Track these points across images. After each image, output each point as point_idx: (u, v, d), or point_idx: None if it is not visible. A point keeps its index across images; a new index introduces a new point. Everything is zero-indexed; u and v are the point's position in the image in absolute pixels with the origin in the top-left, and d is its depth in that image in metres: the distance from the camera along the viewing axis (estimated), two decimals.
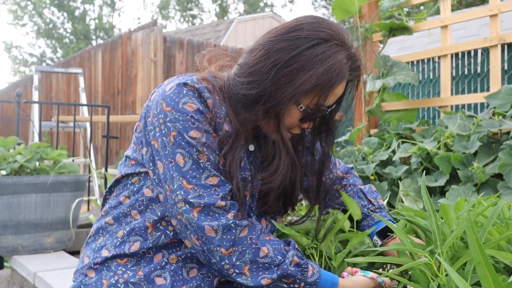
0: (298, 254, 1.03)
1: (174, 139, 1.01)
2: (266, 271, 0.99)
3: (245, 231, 1.00)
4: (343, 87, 1.09)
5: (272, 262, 0.99)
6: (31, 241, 2.76)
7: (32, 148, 2.83)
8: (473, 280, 0.90)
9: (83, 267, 1.11)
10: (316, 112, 1.07)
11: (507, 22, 5.74)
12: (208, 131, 1.03)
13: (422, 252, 0.91)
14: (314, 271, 1.02)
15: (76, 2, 22.16)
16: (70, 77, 8.63)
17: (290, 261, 1.00)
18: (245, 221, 1.01)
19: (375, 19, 2.92)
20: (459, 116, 2.31)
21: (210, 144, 1.02)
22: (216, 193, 1.00)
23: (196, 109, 1.02)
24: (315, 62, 1.01)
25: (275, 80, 1.03)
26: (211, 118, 1.04)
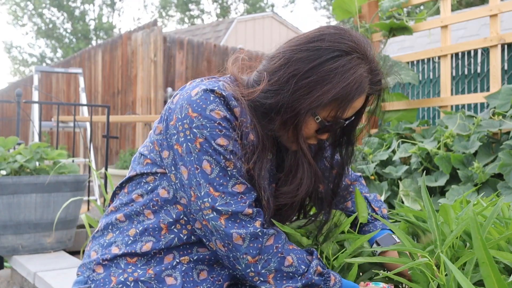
0: (320, 264, 1.04)
1: (200, 146, 1.01)
2: (290, 280, 1.00)
3: (271, 240, 1.01)
4: (363, 100, 1.10)
5: (296, 271, 1.01)
6: (31, 241, 2.76)
7: (32, 148, 2.83)
8: (473, 280, 0.90)
9: (90, 262, 1.10)
10: (333, 125, 1.07)
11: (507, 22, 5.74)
12: (235, 139, 1.03)
13: (422, 252, 0.91)
14: (336, 280, 1.03)
15: (76, 2, 22.16)
16: (70, 77, 8.63)
17: (314, 271, 1.02)
18: (272, 230, 1.02)
19: (375, 19, 2.92)
20: (459, 116, 2.31)
21: (236, 152, 1.03)
22: (243, 200, 1.01)
23: (223, 116, 1.02)
24: (335, 75, 1.01)
25: (293, 91, 1.03)
26: (238, 126, 1.04)
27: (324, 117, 1.06)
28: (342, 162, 1.22)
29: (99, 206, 2.35)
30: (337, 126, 1.09)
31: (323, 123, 1.06)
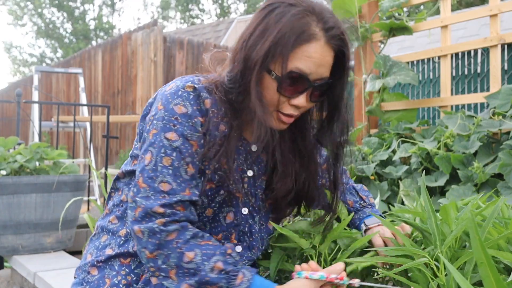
0: (227, 261, 0.98)
1: (152, 136, 1.02)
2: (192, 276, 0.96)
3: (173, 235, 0.97)
4: (321, 51, 1.03)
5: (198, 268, 0.96)
6: (31, 241, 2.76)
7: (32, 148, 2.83)
8: (473, 280, 0.90)
9: (85, 264, 1.11)
10: (288, 79, 1.02)
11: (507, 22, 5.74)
12: (187, 137, 1.01)
13: (421, 252, 0.91)
14: (244, 279, 0.97)
15: (76, 2, 22.16)
16: (70, 77, 8.63)
17: (211, 267, 0.96)
18: (174, 226, 0.97)
19: (375, 19, 2.92)
20: (459, 116, 2.31)
21: (181, 150, 1.01)
22: (161, 199, 0.98)
23: (184, 112, 1.02)
24: (276, 22, 1.01)
25: (244, 55, 1.04)
26: (202, 121, 1.03)
27: (279, 71, 1.02)
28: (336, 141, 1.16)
29: (99, 206, 2.35)
30: (297, 81, 1.03)
31: (279, 78, 1.02)
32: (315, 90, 1.06)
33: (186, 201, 1.00)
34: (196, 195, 1.02)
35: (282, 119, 1.07)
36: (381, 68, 2.76)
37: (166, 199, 0.98)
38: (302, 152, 1.16)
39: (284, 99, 1.05)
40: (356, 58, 3.05)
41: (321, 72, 1.04)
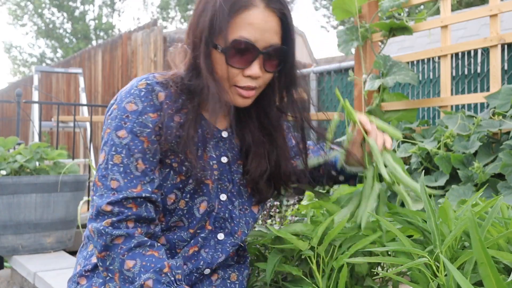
0: (159, 280, 0.96)
1: (106, 136, 1.04)
2: (130, 284, 0.97)
3: (119, 240, 0.98)
4: (262, 16, 1.03)
5: (133, 278, 0.96)
6: (31, 241, 2.76)
7: (32, 148, 2.83)
8: (473, 280, 0.90)
9: (75, 275, 1.12)
10: (234, 49, 1.03)
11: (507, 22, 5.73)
12: (136, 133, 1.01)
13: (421, 252, 0.91)
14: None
15: (76, 2, 22.16)
16: (70, 77, 8.63)
17: (141, 284, 0.95)
18: (121, 231, 0.98)
19: (375, 19, 2.92)
20: (459, 116, 2.31)
21: (130, 147, 1.01)
22: (110, 197, 0.99)
23: (134, 109, 1.03)
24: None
25: (192, 37, 1.07)
26: (153, 117, 1.03)
27: (224, 44, 1.02)
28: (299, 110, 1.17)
29: None
30: (254, 53, 1.03)
31: (225, 49, 1.02)
32: (267, 58, 1.06)
33: (137, 198, 1.00)
34: (148, 192, 1.01)
35: (242, 93, 1.07)
36: (381, 68, 2.75)
37: (114, 197, 0.99)
38: (269, 129, 1.16)
39: (236, 71, 1.05)
40: (356, 58, 3.05)
41: (267, 38, 1.04)
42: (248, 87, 1.06)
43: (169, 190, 1.06)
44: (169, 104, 1.05)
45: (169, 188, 1.06)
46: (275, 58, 1.08)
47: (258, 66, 1.05)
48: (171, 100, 1.05)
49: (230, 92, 1.07)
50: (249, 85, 1.06)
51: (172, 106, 1.05)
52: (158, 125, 1.03)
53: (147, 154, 1.02)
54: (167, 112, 1.04)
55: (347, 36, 2.92)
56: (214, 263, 1.10)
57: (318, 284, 1.09)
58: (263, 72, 1.07)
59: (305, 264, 1.18)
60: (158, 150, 1.04)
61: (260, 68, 1.05)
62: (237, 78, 1.06)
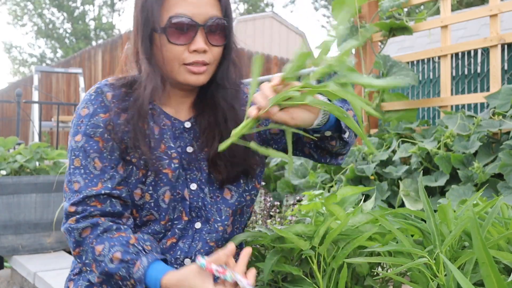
0: (127, 250, 0.99)
1: (68, 143, 1.10)
2: (102, 264, 1.01)
3: (87, 232, 1.02)
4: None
5: (104, 258, 1.00)
6: (31, 241, 2.76)
7: (32, 148, 2.83)
8: (473, 280, 0.90)
9: (66, 281, 1.16)
10: (172, 26, 1.05)
11: (507, 22, 5.73)
12: (90, 135, 1.06)
13: (421, 252, 0.91)
14: (140, 266, 0.98)
15: (76, 2, 22.17)
16: (70, 77, 8.63)
17: (110, 258, 0.99)
18: (85, 223, 1.02)
19: (375, 19, 2.92)
20: (459, 116, 2.31)
21: (86, 148, 1.06)
22: (73, 198, 1.04)
23: (86, 113, 1.08)
24: None
25: (134, 31, 1.11)
26: (104, 117, 1.07)
27: (163, 25, 1.05)
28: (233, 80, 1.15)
29: None
30: (195, 27, 1.05)
31: (164, 29, 1.05)
32: (209, 31, 1.07)
33: (99, 195, 1.03)
34: (108, 188, 1.04)
35: (192, 69, 1.07)
36: (381, 68, 2.76)
37: (77, 198, 1.03)
38: (223, 110, 1.14)
39: (181, 49, 1.06)
40: (356, 58, 3.05)
41: (205, 11, 1.06)
42: (196, 62, 1.07)
43: (134, 185, 1.08)
44: (115, 103, 1.08)
45: (134, 184, 1.08)
46: (218, 31, 1.09)
47: (201, 40, 1.06)
48: (118, 99, 1.09)
49: (181, 72, 1.08)
50: (197, 60, 1.06)
51: (119, 104, 1.08)
52: (109, 124, 1.07)
53: (104, 153, 1.06)
54: (114, 110, 1.08)
55: (347, 36, 2.92)
56: (192, 252, 1.10)
57: (318, 284, 1.09)
58: (209, 46, 1.08)
59: (305, 264, 1.18)
60: (115, 147, 1.07)
61: (204, 42, 1.07)
62: (183, 55, 1.07)
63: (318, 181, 2.70)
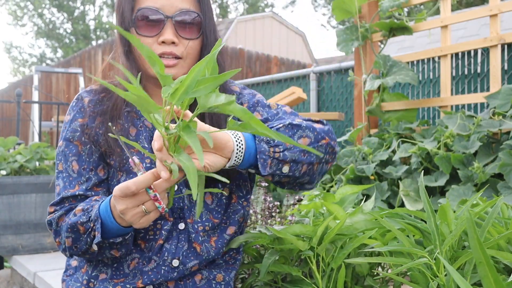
0: (87, 203, 1.03)
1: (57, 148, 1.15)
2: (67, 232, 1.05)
3: (62, 219, 1.06)
4: None
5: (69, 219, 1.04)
6: (31, 241, 2.76)
7: (32, 148, 2.83)
8: (473, 280, 0.90)
9: (61, 282, 1.19)
10: (140, 18, 1.07)
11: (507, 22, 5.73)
12: (69, 139, 1.10)
13: (421, 252, 0.91)
14: (96, 207, 0.99)
15: (76, 2, 22.17)
16: (70, 77, 8.63)
17: (73, 213, 1.03)
18: (60, 212, 1.05)
19: (375, 19, 2.92)
20: (459, 116, 2.31)
21: (66, 152, 1.10)
22: (53, 200, 1.09)
23: (68, 120, 1.13)
24: None
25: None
26: (81, 121, 1.10)
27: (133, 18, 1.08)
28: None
29: None
30: (162, 19, 1.07)
31: (133, 21, 1.08)
32: (179, 23, 1.07)
33: (76, 196, 1.07)
34: (82, 189, 1.08)
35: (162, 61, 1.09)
36: (381, 68, 2.76)
37: (55, 199, 1.08)
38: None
39: (150, 41, 1.07)
40: (356, 58, 3.05)
41: (175, 4, 1.07)
42: (164, 53, 1.07)
43: (113, 186, 1.11)
44: (91, 107, 1.12)
45: (114, 186, 1.09)
46: (190, 25, 1.09)
47: (170, 32, 1.07)
48: (95, 103, 1.12)
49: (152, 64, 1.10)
50: (165, 50, 1.07)
51: (94, 108, 1.11)
52: (86, 127, 1.10)
53: (82, 156, 1.09)
54: (89, 114, 1.11)
55: (347, 35, 2.92)
56: (179, 253, 1.10)
57: (317, 284, 1.09)
58: (180, 39, 1.08)
59: (304, 265, 1.18)
60: (94, 150, 1.10)
61: (173, 33, 1.07)
62: (153, 47, 1.07)
63: None
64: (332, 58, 14.08)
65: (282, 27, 14.55)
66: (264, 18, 14.37)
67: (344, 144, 3.10)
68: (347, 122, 4.38)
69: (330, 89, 4.66)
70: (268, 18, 14.38)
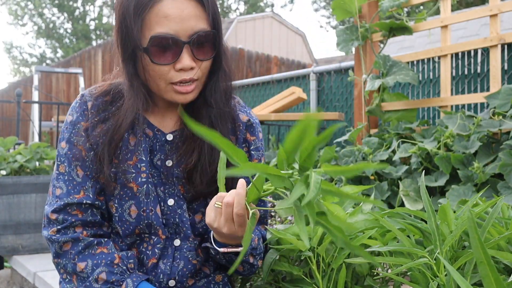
0: (112, 271, 1.00)
1: (57, 147, 1.11)
2: (86, 282, 1.01)
3: (68, 246, 1.02)
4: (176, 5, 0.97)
5: (87, 277, 1.00)
6: (31, 241, 2.76)
7: (32, 148, 2.83)
8: (473, 280, 0.90)
9: (58, 284, 1.16)
10: (155, 46, 0.98)
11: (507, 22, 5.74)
12: (73, 143, 1.06)
13: (421, 252, 0.91)
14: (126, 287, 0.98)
15: (77, 2, 22.17)
16: (70, 77, 8.63)
17: (95, 279, 0.99)
18: (66, 237, 1.01)
19: (375, 19, 2.92)
20: (459, 116, 2.31)
21: (69, 156, 1.06)
22: (54, 204, 1.04)
23: (70, 120, 1.08)
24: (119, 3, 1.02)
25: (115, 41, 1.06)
26: (84, 126, 1.06)
27: (145, 44, 0.99)
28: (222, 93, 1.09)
29: None
30: (179, 46, 0.98)
31: (146, 49, 0.98)
32: (195, 46, 1.00)
33: (80, 204, 1.03)
34: (90, 198, 1.04)
35: (178, 89, 1.01)
36: (381, 68, 2.76)
37: (57, 204, 1.03)
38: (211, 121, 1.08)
39: (166, 68, 1.00)
40: (356, 58, 3.05)
41: (190, 26, 0.98)
42: (183, 81, 1.01)
43: (109, 198, 1.07)
44: (93, 113, 1.07)
45: (109, 196, 1.07)
46: (205, 44, 1.02)
47: (188, 57, 0.99)
48: (98, 109, 1.07)
49: (168, 91, 1.03)
50: (184, 78, 1.00)
51: (97, 115, 1.07)
52: (88, 134, 1.06)
53: (86, 161, 1.05)
54: (91, 121, 1.06)
55: (347, 35, 2.92)
56: (174, 272, 1.07)
57: (318, 284, 1.09)
58: (197, 62, 1.02)
59: (304, 265, 1.18)
60: (97, 156, 1.05)
61: (191, 58, 1.00)
62: (169, 75, 1.00)
63: None
64: (332, 58, 14.07)
65: (282, 27, 14.55)
66: (264, 18, 14.37)
67: (344, 144, 3.10)
68: (347, 122, 4.38)
69: (330, 89, 4.66)
70: (268, 18, 14.38)
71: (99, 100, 1.08)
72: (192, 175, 1.07)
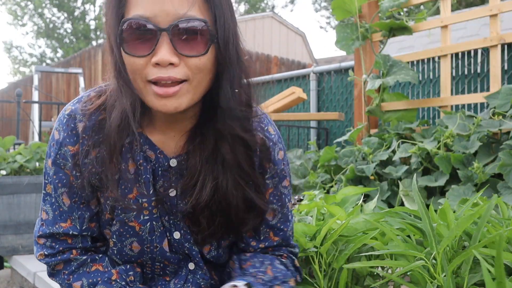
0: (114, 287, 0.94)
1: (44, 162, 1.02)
2: None
3: (60, 266, 0.96)
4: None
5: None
6: (31, 241, 2.76)
7: (32, 148, 2.83)
8: (472, 280, 0.90)
9: None
10: (128, 31, 0.78)
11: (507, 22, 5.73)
12: (60, 165, 0.90)
13: (418, 254, 0.91)
14: None
15: (76, 2, 22.18)
16: (70, 77, 8.63)
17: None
18: (56, 260, 0.94)
19: (375, 19, 2.92)
20: (459, 116, 2.31)
21: (54, 179, 0.91)
22: (42, 228, 0.95)
23: (57, 138, 0.90)
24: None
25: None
26: (72, 151, 0.89)
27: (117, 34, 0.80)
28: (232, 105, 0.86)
29: None
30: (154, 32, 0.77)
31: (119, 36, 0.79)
32: (177, 36, 0.78)
33: (67, 234, 0.93)
34: (76, 230, 0.93)
35: (157, 91, 0.79)
36: (381, 67, 2.76)
37: (43, 229, 0.94)
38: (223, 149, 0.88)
39: (141, 61, 0.79)
40: (356, 58, 3.05)
41: (172, 9, 0.77)
42: (160, 79, 0.78)
43: (104, 226, 0.96)
44: (85, 138, 0.88)
45: (103, 223, 0.96)
46: (195, 37, 0.78)
47: (166, 49, 0.77)
48: (90, 132, 0.88)
49: (147, 93, 0.81)
50: (160, 76, 0.78)
51: (91, 139, 0.88)
52: (77, 159, 0.89)
53: (73, 188, 0.91)
54: (83, 148, 0.88)
55: (347, 33, 2.92)
56: None
57: (319, 284, 1.09)
58: (181, 57, 0.79)
59: (305, 264, 1.18)
60: (86, 184, 0.89)
61: (170, 51, 0.78)
62: (145, 70, 0.79)
63: (318, 181, 2.70)
64: (332, 58, 14.07)
65: (282, 27, 14.55)
66: (264, 18, 14.36)
67: (344, 144, 3.10)
68: (347, 122, 4.38)
69: (330, 89, 4.66)
70: (268, 18, 14.37)
71: (93, 119, 0.88)
72: (197, 218, 0.92)
